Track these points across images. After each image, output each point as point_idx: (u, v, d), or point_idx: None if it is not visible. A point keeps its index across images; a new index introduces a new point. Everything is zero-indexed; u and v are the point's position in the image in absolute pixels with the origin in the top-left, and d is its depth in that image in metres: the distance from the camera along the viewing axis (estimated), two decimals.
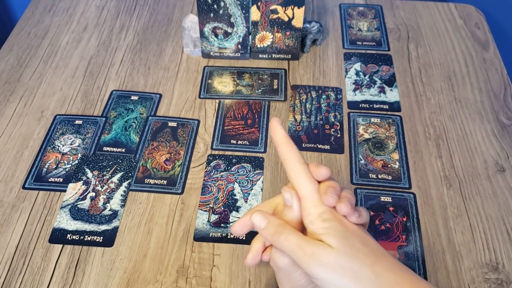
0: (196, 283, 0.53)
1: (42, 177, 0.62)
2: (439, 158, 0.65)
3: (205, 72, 0.76)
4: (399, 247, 0.56)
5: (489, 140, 0.67)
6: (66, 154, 0.65)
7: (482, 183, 0.62)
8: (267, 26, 0.73)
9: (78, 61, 0.78)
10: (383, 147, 0.66)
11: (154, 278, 0.53)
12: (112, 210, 0.59)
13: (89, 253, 0.55)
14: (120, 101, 0.72)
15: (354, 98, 0.73)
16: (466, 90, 0.74)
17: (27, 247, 0.56)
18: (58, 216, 0.58)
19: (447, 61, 0.79)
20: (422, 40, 0.82)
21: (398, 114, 0.71)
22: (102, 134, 0.67)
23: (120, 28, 0.84)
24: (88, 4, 0.89)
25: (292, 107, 0.71)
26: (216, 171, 0.63)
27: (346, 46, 0.81)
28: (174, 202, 0.60)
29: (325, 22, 0.86)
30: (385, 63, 0.78)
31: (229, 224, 0.58)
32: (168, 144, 0.66)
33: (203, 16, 0.72)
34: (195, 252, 0.56)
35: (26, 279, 0.53)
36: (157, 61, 0.78)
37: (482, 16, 0.87)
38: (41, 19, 0.86)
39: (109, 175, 0.62)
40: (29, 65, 0.77)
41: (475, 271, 0.54)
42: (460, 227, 0.58)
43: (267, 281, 0.53)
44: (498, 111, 0.71)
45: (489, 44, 0.82)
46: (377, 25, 0.85)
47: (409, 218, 0.59)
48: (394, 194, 0.61)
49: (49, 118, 0.69)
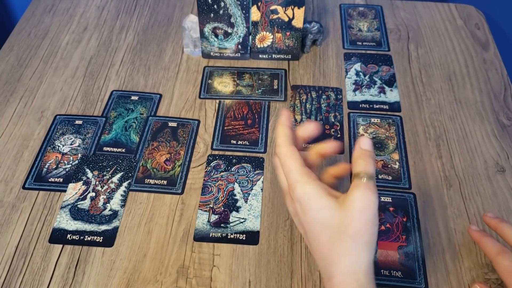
0: (196, 283, 0.53)
1: (42, 177, 0.62)
2: (439, 158, 0.65)
3: (205, 72, 0.76)
4: (399, 247, 0.56)
5: (489, 141, 0.67)
6: (66, 154, 0.65)
7: (482, 184, 0.62)
8: (267, 26, 0.73)
9: (78, 61, 0.78)
10: (383, 147, 0.66)
11: (154, 278, 0.53)
12: (112, 210, 0.59)
13: (89, 253, 0.55)
14: (120, 101, 0.72)
15: (354, 98, 0.73)
16: (466, 90, 0.74)
17: (27, 247, 0.56)
18: (58, 216, 0.58)
19: (447, 61, 0.79)
20: (422, 41, 0.82)
21: (398, 115, 0.71)
22: (102, 134, 0.67)
23: (120, 29, 0.84)
24: (88, 4, 0.89)
25: (292, 107, 0.71)
26: (216, 171, 0.63)
27: (346, 47, 0.81)
28: (174, 202, 0.60)
29: (325, 22, 0.86)
30: (385, 63, 0.78)
31: (229, 225, 0.58)
32: (168, 144, 0.66)
33: (203, 16, 0.72)
34: (195, 252, 0.56)
35: (26, 279, 0.53)
36: (157, 61, 0.78)
37: (482, 17, 0.87)
38: (41, 20, 0.86)
39: (109, 175, 0.62)
40: (29, 65, 0.77)
41: (475, 271, 0.54)
42: (460, 227, 0.58)
43: (267, 281, 0.53)
44: (498, 112, 0.71)
45: (489, 45, 0.82)
46: (377, 25, 0.85)
47: (409, 219, 0.59)
48: (394, 194, 0.61)
49: (49, 118, 0.69)
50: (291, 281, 0.53)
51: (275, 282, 0.53)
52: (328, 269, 0.42)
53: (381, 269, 0.54)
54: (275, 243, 0.56)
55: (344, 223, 0.41)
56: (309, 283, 0.53)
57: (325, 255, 0.42)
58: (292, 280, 0.53)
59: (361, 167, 0.43)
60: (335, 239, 0.41)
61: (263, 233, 0.57)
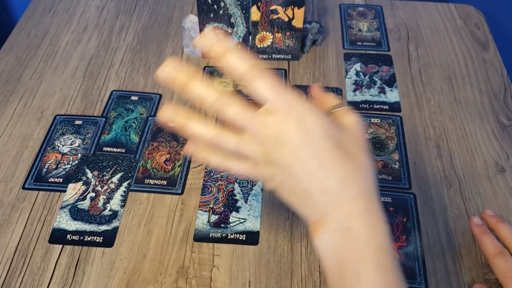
0: (196, 283, 0.53)
1: (42, 177, 0.62)
2: (439, 159, 0.65)
3: (205, 72, 0.76)
4: (399, 247, 0.56)
5: (489, 141, 0.67)
6: (66, 154, 0.65)
7: (482, 184, 0.62)
8: (267, 27, 0.73)
9: (78, 61, 0.78)
10: (383, 147, 0.66)
11: (154, 279, 0.53)
12: (112, 210, 0.59)
13: (89, 253, 0.55)
14: (120, 101, 0.72)
15: (354, 99, 0.73)
16: (466, 90, 0.74)
17: (27, 247, 0.56)
18: (58, 216, 0.58)
19: (447, 61, 0.79)
20: (422, 41, 0.82)
21: (398, 115, 0.71)
22: (102, 134, 0.67)
23: (120, 29, 0.84)
24: (88, 4, 0.89)
25: None
26: (216, 171, 0.63)
27: (346, 47, 0.81)
28: (174, 202, 0.60)
29: (325, 23, 0.86)
30: (385, 63, 0.78)
31: (229, 225, 0.58)
32: (168, 144, 0.66)
33: (203, 16, 0.72)
34: (195, 252, 0.55)
35: (26, 279, 0.53)
36: (157, 62, 0.78)
37: (482, 17, 0.87)
38: (41, 20, 0.86)
39: (109, 175, 0.62)
40: (29, 65, 0.77)
41: (475, 271, 0.54)
42: (460, 227, 0.58)
43: (267, 281, 0.53)
44: (498, 112, 0.71)
45: (489, 45, 0.82)
46: (377, 25, 0.85)
47: (409, 219, 0.59)
48: (394, 194, 0.61)
49: (49, 118, 0.69)
50: (291, 281, 0.53)
51: (275, 282, 0.53)
52: (327, 183, 0.38)
53: None
54: (275, 243, 0.56)
55: (348, 137, 0.40)
56: (309, 283, 0.53)
57: (326, 171, 0.38)
58: (292, 280, 0.53)
59: (334, 100, 0.43)
60: (340, 150, 0.38)
61: (263, 233, 0.57)
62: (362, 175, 0.39)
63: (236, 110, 0.39)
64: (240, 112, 0.39)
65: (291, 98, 0.38)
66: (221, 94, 0.39)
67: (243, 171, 0.42)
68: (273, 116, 0.38)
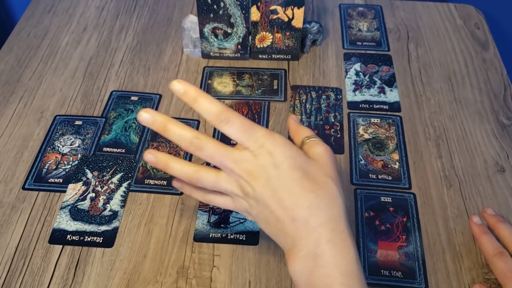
0: (196, 283, 0.53)
1: (42, 177, 0.62)
2: (439, 158, 0.65)
3: (205, 72, 0.76)
4: (399, 247, 0.56)
5: (489, 140, 0.67)
6: (66, 154, 0.65)
7: (482, 183, 0.62)
8: (267, 27, 0.73)
9: (78, 61, 0.78)
10: (383, 147, 0.66)
11: (154, 279, 0.53)
12: (112, 210, 0.59)
13: (89, 253, 0.55)
14: (120, 102, 0.72)
15: (354, 99, 0.73)
16: (466, 90, 0.74)
17: (27, 247, 0.56)
18: (58, 216, 0.58)
19: (447, 61, 0.79)
20: (422, 40, 0.82)
21: (398, 115, 0.71)
22: (102, 134, 0.67)
23: (120, 29, 0.84)
24: (88, 4, 0.89)
25: (292, 107, 0.71)
26: None
27: (346, 47, 0.81)
28: (174, 202, 0.60)
29: (325, 23, 0.86)
30: (385, 63, 0.78)
31: (229, 225, 0.58)
32: (168, 144, 0.66)
33: (203, 16, 0.72)
34: (195, 252, 0.55)
35: (26, 279, 0.53)
36: (157, 62, 0.78)
37: (482, 16, 0.87)
38: (41, 20, 0.86)
39: (109, 175, 0.62)
40: (28, 66, 0.77)
41: (475, 271, 0.54)
42: (460, 227, 0.58)
43: (267, 282, 0.53)
44: (498, 111, 0.71)
45: (489, 44, 0.82)
46: (377, 25, 0.85)
47: (409, 219, 0.59)
48: (394, 194, 0.61)
49: (49, 118, 0.69)
50: (291, 282, 0.53)
51: (275, 283, 0.53)
52: (297, 212, 0.41)
53: (381, 269, 0.54)
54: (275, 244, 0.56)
55: (317, 167, 0.43)
56: None
57: (295, 200, 0.41)
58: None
59: (307, 132, 0.47)
60: (308, 179, 0.42)
61: (263, 233, 0.57)
62: (329, 203, 0.41)
63: (212, 149, 0.42)
64: (215, 150, 0.42)
65: (261, 135, 0.42)
66: (197, 135, 0.42)
67: (224, 205, 0.46)
68: (245, 153, 0.42)
